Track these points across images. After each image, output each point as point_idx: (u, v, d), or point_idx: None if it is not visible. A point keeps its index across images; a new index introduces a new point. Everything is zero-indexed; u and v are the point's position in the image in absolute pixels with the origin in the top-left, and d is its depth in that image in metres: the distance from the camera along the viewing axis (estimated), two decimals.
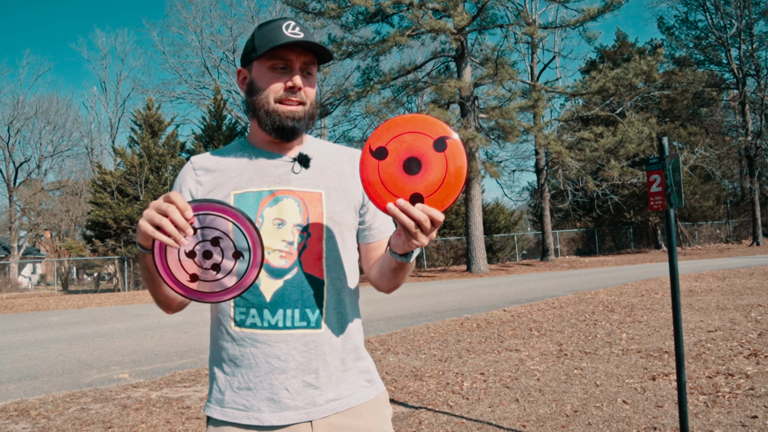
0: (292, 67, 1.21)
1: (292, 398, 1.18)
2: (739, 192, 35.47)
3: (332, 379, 1.21)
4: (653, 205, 3.13)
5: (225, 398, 1.21)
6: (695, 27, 31.76)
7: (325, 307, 1.21)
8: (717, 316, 7.23)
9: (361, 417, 1.24)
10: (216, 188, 1.24)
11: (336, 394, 1.21)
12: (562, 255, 31.60)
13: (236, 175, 1.24)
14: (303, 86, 1.21)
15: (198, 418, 4.15)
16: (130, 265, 24.21)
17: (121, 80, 47.28)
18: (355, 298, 1.31)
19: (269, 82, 1.21)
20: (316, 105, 1.27)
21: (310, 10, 19.65)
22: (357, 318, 1.30)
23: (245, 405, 1.19)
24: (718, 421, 3.41)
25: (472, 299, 10.17)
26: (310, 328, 1.19)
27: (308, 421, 1.19)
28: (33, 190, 39.35)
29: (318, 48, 1.21)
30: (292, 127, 1.22)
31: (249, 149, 1.29)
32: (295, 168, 1.25)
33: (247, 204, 1.20)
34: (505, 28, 20.68)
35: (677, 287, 3.01)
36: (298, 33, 1.19)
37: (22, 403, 4.73)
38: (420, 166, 1.02)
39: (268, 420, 1.17)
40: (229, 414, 1.20)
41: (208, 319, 9.68)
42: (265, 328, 1.18)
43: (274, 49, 1.18)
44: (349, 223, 1.27)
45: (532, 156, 27.75)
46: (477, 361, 5.52)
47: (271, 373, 1.18)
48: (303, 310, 1.19)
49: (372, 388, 1.29)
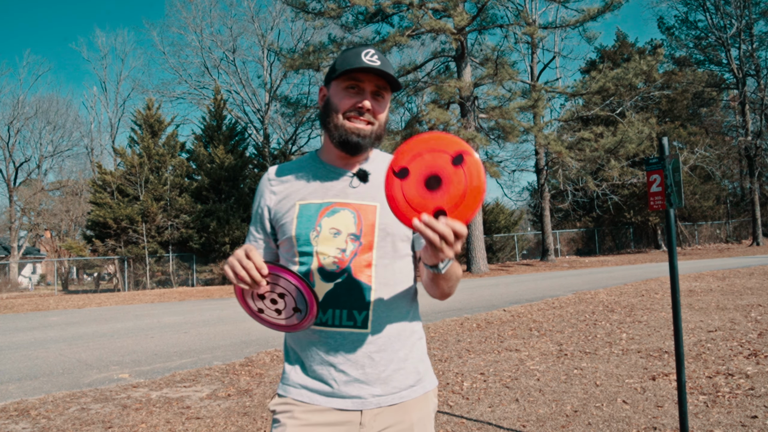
0: (364, 89, 1.33)
1: (340, 389, 1.32)
2: (739, 192, 35.47)
3: (380, 377, 1.33)
4: (653, 205, 3.13)
5: (290, 379, 1.38)
6: (695, 27, 31.77)
7: (372, 309, 1.33)
8: (717, 316, 7.23)
9: (406, 412, 1.35)
10: (285, 198, 1.40)
11: (383, 391, 1.33)
12: (562, 255, 31.59)
13: (302, 187, 1.40)
14: (372, 108, 1.34)
15: (198, 418, 4.15)
16: (130, 265, 24.21)
17: (121, 80, 47.31)
18: (408, 304, 1.41)
19: (342, 99, 1.34)
20: (384, 127, 1.40)
21: (310, 10, 19.66)
22: (410, 321, 1.41)
23: (306, 386, 1.35)
24: (718, 421, 3.41)
25: (472, 299, 10.17)
26: (357, 327, 1.32)
27: (355, 410, 1.32)
28: (33, 190, 39.36)
29: (389, 77, 1.32)
30: (356, 142, 1.34)
31: (317, 163, 1.43)
32: (354, 183, 1.38)
33: (308, 213, 1.36)
34: (505, 28, 20.69)
35: (677, 287, 3.01)
36: (375, 61, 1.32)
37: (22, 403, 4.73)
38: (440, 183, 1.08)
39: (321, 402, 1.33)
40: (291, 392, 1.37)
41: (207, 319, 9.65)
42: (319, 324, 1.33)
43: (350, 71, 1.31)
44: (401, 234, 1.37)
45: (532, 156, 27.75)
46: (477, 361, 5.52)
47: (322, 364, 1.33)
48: (351, 311, 1.32)
49: (419, 387, 1.38)
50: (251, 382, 5.23)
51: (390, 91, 1.38)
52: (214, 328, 9.10)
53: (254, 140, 29.69)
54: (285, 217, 1.38)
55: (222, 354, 6.76)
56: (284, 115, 25.95)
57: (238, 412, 4.24)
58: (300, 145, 32.56)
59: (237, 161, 25.10)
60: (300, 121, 26.38)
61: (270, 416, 4.09)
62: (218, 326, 9.35)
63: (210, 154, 25.04)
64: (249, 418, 4.09)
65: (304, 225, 1.34)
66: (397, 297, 1.36)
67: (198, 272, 24.98)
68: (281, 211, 1.39)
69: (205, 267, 25.04)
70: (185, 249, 24.93)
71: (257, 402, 4.51)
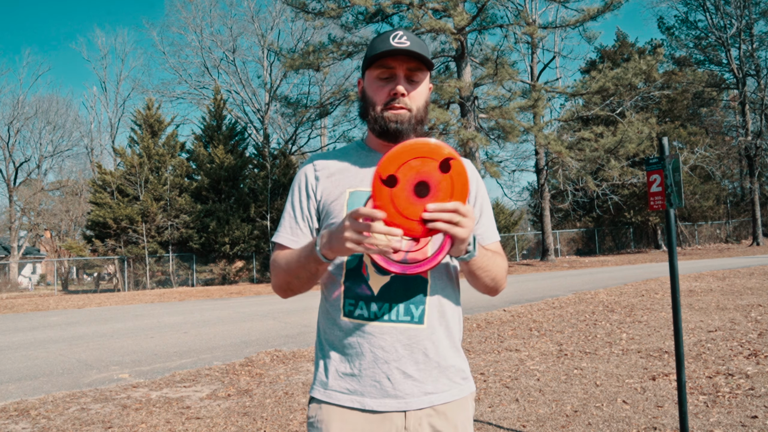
0: (397, 74, 1.29)
1: (393, 387, 1.26)
2: (739, 192, 35.46)
3: (432, 374, 1.29)
4: (653, 205, 3.13)
5: (329, 381, 1.31)
6: (695, 27, 31.77)
7: (428, 304, 1.29)
8: (717, 316, 7.23)
9: (451, 413, 1.31)
10: (334, 185, 1.34)
11: (434, 388, 1.29)
12: (562, 255, 31.59)
13: (352, 175, 1.35)
14: (407, 92, 1.29)
15: (198, 418, 4.15)
16: (130, 265, 24.21)
17: (121, 80, 47.27)
18: (456, 300, 1.37)
19: (376, 90, 1.31)
20: (424, 109, 1.34)
21: (310, 10, 19.65)
22: (458, 319, 1.38)
23: (348, 389, 1.29)
24: (718, 421, 3.41)
25: (472, 299, 10.17)
26: (414, 323, 1.27)
27: (403, 411, 1.27)
28: (33, 190, 39.35)
29: (421, 56, 1.26)
30: (395, 129, 1.29)
31: (365, 150, 1.40)
32: None
33: (358, 202, 1.28)
34: (505, 28, 20.68)
35: (677, 287, 3.01)
36: (404, 42, 1.26)
37: (22, 403, 4.73)
38: (428, 189, 1.08)
39: (369, 404, 1.27)
40: (332, 396, 1.30)
41: (207, 319, 9.64)
42: (371, 319, 1.27)
43: (378, 58, 1.27)
44: None
45: (532, 156, 27.75)
46: (477, 361, 5.51)
47: (375, 362, 1.27)
48: (407, 305, 1.27)
49: (465, 386, 1.35)
50: (251, 382, 5.23)
51: (426, 71, 1.32)
52: (214, 328, 9.10)
53: (254, 140, 29.67)
54: (334, 204, 1.32)
55: (222, 354, 6.76)
56: (284, 115, 25.94)
57: (238, 412, 4.24)
58: (300, 145, 32.57)
59: (237, 161, 25.10)
60: (300, 121, 26.35)
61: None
62: (218, 326, 9.35)
63: (210, 154, 25.03)
64: (249, 418, 4.09)
65: None
66: (448, 292, 1.34)
67: (198, 272, 24.99)
68: (330, 199, 1.33)
69: (205, 267, 25.05)
70: (185, 249, 24.94)
71: (257, 402, 4.51)
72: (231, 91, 31.37)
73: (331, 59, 20.05)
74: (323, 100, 24.49)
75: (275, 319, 9.78)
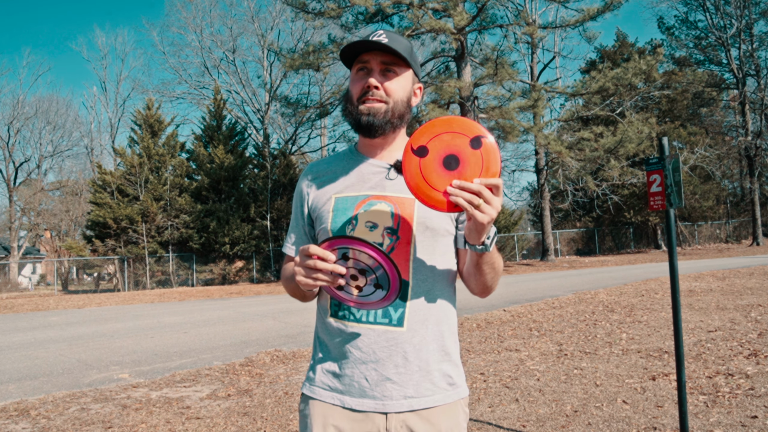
0: (372, 68, 1.29)
1: (371, 388, 1.26)
2: (739, 192, 35.46)
3: (412, 378, 1.27)
4: (653, 205, 3.13)
5: (315, 378, 1.34)
6: (695, 27, 31.76)
7: (409, 308, 1.27)
8: (717, 316, 7.23)
9: (436, 419, 1.28)
10: (322, 191, 1.36)
11: (416, 392, 1.27)
12: (562, 255, 31.59)
13: (340, 180, 1.36)
14: (381, 84, 1.29)
15: (198, 418, 4.15)
16: (130, 265, 24.20)
17: (121, 80, 47.23)
18: (446, 304, 1.34)
19: (353, 85, 1.32)
20: (404, 104, 1.33)
21: (310, 10, 19.65)
22: (448, 322, 1.34)
23: (330, 386, 1.31)
24: (718, 421, 3.41)
25: (472, 299, 10.17)
26: (392, 325, 1.27)
27: (384, 412, 1.26)
28: (33, 190, 39.35)
29: (390, 49, 1.26)
30: (366, 122, 1.29)
31: (354, 156, 1.39)
32: (391, 175, 1.33)
33: (344, 206, 1.31)
34: (505, 28, 20.67)
35: (677, 287, 3.01)
36: (382, 39, 1.27)
37: (22, 403, 4.73)
38: (458, 163, 1.10)
39: (348, 403, 1.28)
40: (316, 392, 1.33)
41: (207, 319, 9.66)
42: (352, 321, 1.28)
43: (350, 51, 1.29)
44: (442, 229, 1.31)
45: (532, 156, 27.76)
46: (477, 361, 5.51)
47: (354, 362, 1.28)
48: (385, 308, 1.26)
49: (452, 392, 1.32)
50: (251, 382, 5.23)
51: (404, 68, 1.31)
52: (214, 328, 9.10)
53: (254, 140, 29.67)
54: (322, 210, 1.34)
55: (222, 354, 6.76)
56: (284, 115, 25.92)
57: (238, 412, 4.24)
58: (300, 145, 32.59)
59: (237, 161, 25.09)
60: (300, 121, 26.36)
61: (275, 415, 4.09)
62: (218, 326, 9.35)
63: (210, 154, 25.03)
64: (249, 418, 4.09)
65: (339, 218, 1.30)
66: (436, 296, 1.30)
67: (198, 272, 24.98)
68: (318, 205, 1.35)
69: (205, 267, 25.04)
70: (185, 249, 24.93)
71: (257, 402, 4.51)
72: (231, 91, 31.39)
73: (331, 59, 20.02)
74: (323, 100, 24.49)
75: (275, 319, 9.79)
